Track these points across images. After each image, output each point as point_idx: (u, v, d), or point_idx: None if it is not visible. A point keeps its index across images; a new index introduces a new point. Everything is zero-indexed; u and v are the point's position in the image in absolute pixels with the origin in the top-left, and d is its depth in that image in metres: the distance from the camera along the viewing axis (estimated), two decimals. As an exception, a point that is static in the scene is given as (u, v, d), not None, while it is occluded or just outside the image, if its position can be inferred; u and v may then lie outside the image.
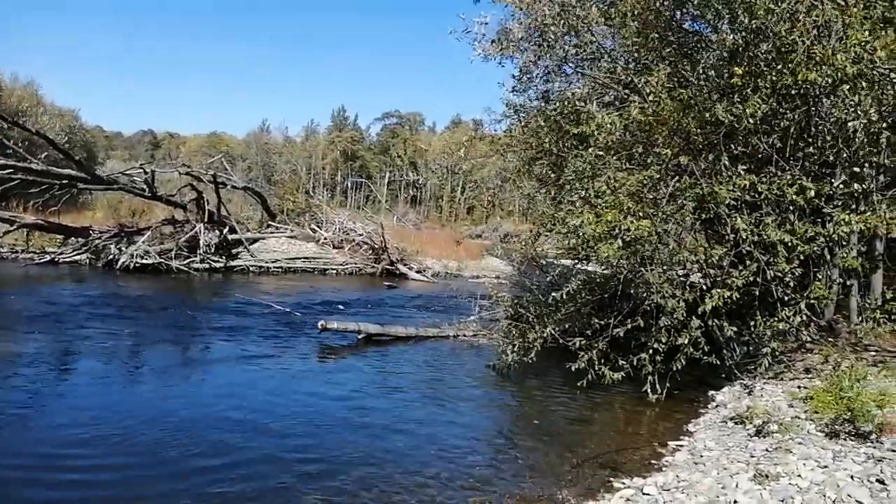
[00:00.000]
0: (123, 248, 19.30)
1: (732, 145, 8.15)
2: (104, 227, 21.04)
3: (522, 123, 10.43)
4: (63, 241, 20.75)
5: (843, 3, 7.24)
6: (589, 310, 9.15)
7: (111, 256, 19.26)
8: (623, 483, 5.46)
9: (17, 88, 39.26)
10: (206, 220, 20.70)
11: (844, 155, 8.13)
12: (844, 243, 8.24)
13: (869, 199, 8.50)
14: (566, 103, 9.24)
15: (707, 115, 7.70)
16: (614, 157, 8.18)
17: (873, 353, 8.44)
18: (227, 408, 7.31)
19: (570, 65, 10.22)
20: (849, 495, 4.51)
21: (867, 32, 7.16)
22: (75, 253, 19.92)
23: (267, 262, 21.87)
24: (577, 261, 10.26)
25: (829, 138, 8.06)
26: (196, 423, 6.71)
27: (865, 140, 7.88)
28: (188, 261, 19.73)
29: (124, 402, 7.45)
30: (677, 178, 8.17)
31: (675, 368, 7.81)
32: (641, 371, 7.92)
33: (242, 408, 7.35)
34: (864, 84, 7.22)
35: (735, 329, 8.18)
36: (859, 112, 7.55)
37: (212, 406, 7.38)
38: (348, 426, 6.94)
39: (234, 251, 21.58)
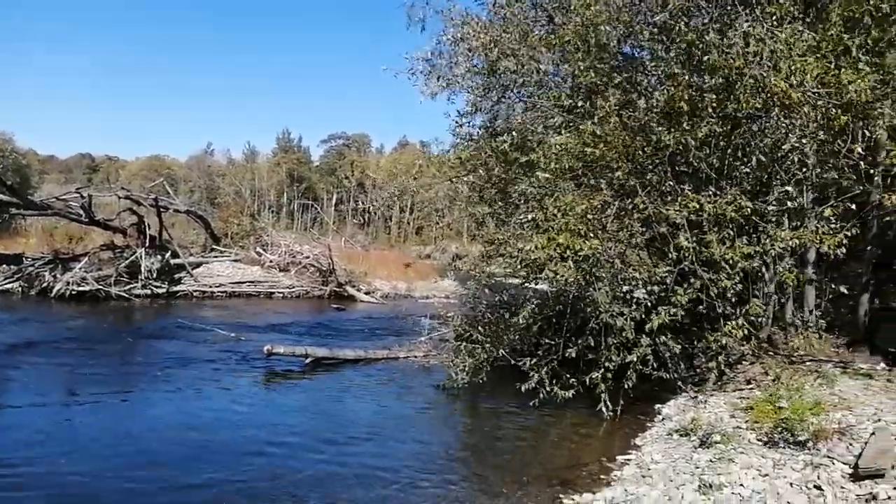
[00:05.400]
0: (59, 276, 18.55)
1: (676, 166, 8.38)
2: (38, 254, 20.23)
3: (470, 152, 10.45)
4: (-7, 269, 19.85)
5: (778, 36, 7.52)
6: (538, 327, 9.21)
7: (45, 284, 18.50)
8: (572, 499, 5.52)
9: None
10: (147, 244, 20.12)
11: (777, 174, 8.47)
12: (780, 259, 8.55)
13: (801, 214, 8.87)
14: (513, 134, 9.32)
15: (654, 137, 7.90)
16: (563, 182, 8.30)
17: (808, 363, 8.77)
18: (168, 437, 7.13)
19: (514, 92, 10.33)
20: (789, 502, 4.65)
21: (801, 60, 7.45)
22: (7, 281, 19.06)
23: (211, 287, 21.30)
24: (525, 280, 10.35)
25: (763, 158, 8.38)
26: (135, 452, 6.55)
27: (796, 159, 8.24)
28: (129, 287, 19.07)
29: (59, 432, 7.17)
30: (623, 197, 8.34)
31: (626, 386, 7.92)
32: (595, 389, 8.00)
33: (184, 437, 7.16)
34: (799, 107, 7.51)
35: (680, 345, 8.37)
36: (790, 135, 7.88)
37: (152, 435, 7.15)
38: (295, 451, 6.83)
39: (176, 276, 20.99)
